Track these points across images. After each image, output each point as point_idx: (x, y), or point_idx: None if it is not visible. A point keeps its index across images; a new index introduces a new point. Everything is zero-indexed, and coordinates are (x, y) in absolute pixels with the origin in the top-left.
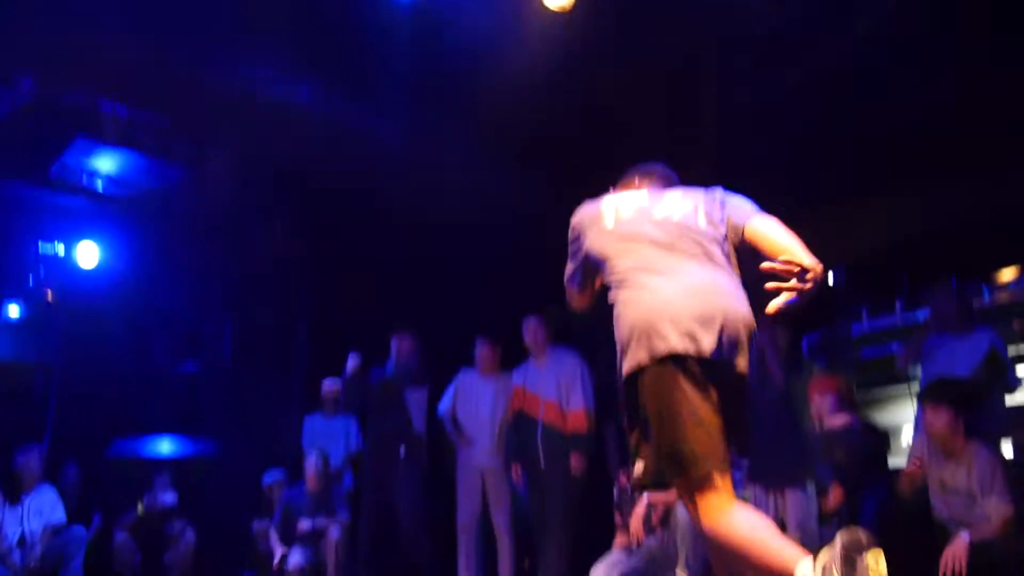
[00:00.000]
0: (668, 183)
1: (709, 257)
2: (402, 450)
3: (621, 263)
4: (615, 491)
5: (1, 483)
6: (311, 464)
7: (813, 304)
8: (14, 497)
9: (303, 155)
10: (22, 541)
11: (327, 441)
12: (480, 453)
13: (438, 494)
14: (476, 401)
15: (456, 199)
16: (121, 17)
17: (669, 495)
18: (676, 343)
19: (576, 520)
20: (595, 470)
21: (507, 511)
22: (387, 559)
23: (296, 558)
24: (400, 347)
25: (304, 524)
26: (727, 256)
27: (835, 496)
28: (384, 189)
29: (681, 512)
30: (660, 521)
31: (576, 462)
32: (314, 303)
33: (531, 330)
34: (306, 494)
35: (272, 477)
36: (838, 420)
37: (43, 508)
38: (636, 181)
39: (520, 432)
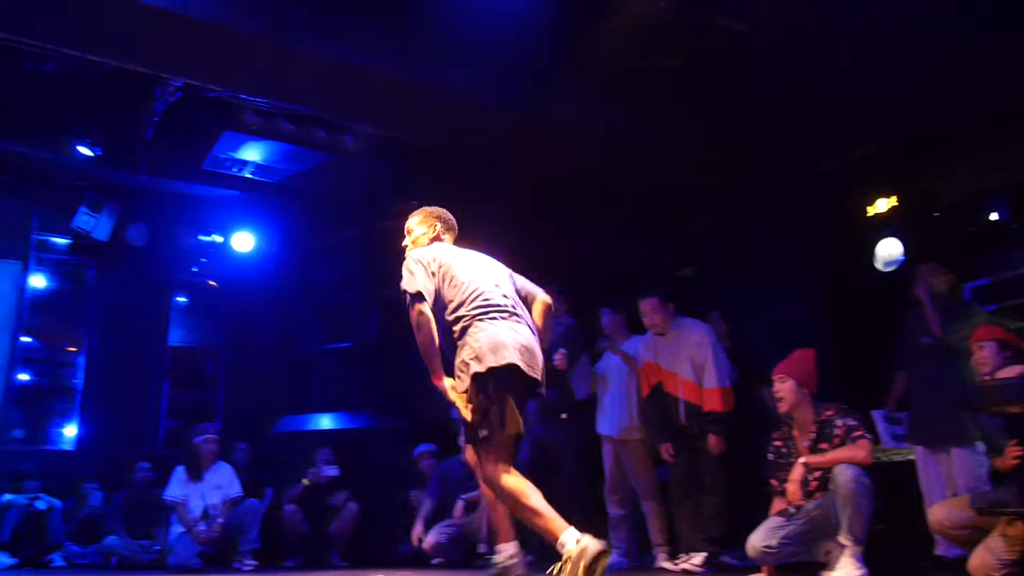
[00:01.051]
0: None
1: (519, 310)
2: (564, 416)
3: (470, 305)
4: (769, 456)
5: (185, 462)
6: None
7: (975, 246)
8: (196, 474)
9: (435, 130)
10: (205, 514)
11: None
12: (610, 423)
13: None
14: (605, 372)
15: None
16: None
17: (827, 458)
18: (513, 357)
19: (729, 487)
20: (744, 437)
21: (648, 478)
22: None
23: (432, 538)
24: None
25: (461, 496)
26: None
27: (1012, 454)
28: (509, 157)
29: (842, 477)
30: (819, 486)
31: (713, 442)
32: None
33: (650, 311)
34: (461, 464)
35: (423, 449)
36: (1009, 371)
37: (222, 483)
38: (439, 228)
39: (661, 408)
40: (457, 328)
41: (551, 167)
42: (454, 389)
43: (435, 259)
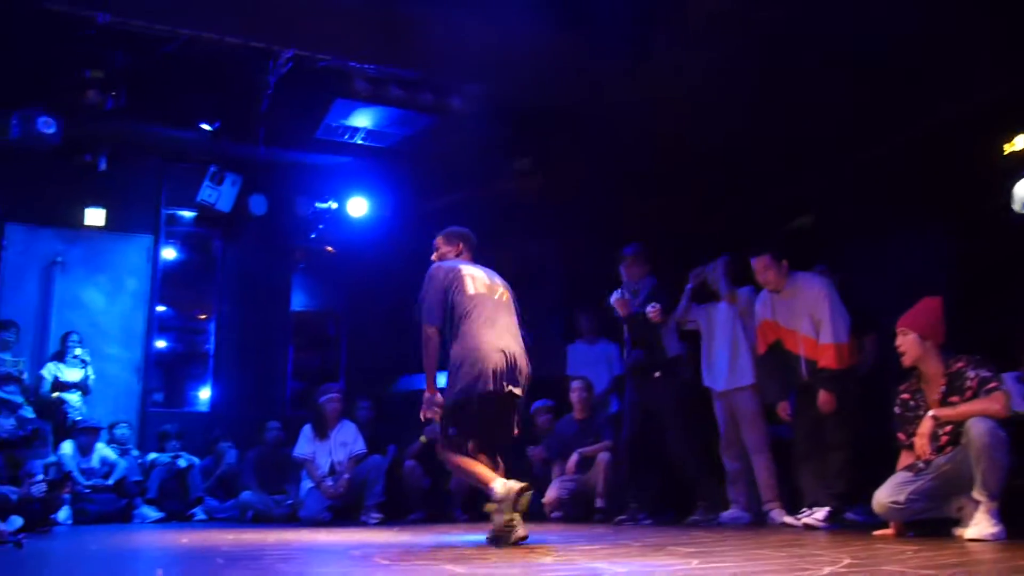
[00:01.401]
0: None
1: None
2: (657, 374)
3: (473, 317)
4: (896, 410)
5: (311, 421)
6: (576, 393)
7: None
8: (322, 433)
9: (540, 91)
10: (332, 470)
11: (590, 368)
12: (720, 377)
13: (704, 416)
14: (711, 325)
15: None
16: None
17: (958, 411)
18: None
19: (853, 442)
20: (867, 391)
21: (760, 432)
22: (651, 479)
23: (551, 493)
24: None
25: (575, 452)
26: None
27: None
28: (616, 119)
29: (976, 430)
30: (950, 440)
31: (824, 399)
32: (562, 235)
33: (763, 269)
34: (574, 422)
35: (539, 405)
36: None
37: (347, 441)
38: (461, 246)
39: (780, 365)
40: (456, 331)
41: (657, 122)
42: (433, 404)
43: (449, 271)
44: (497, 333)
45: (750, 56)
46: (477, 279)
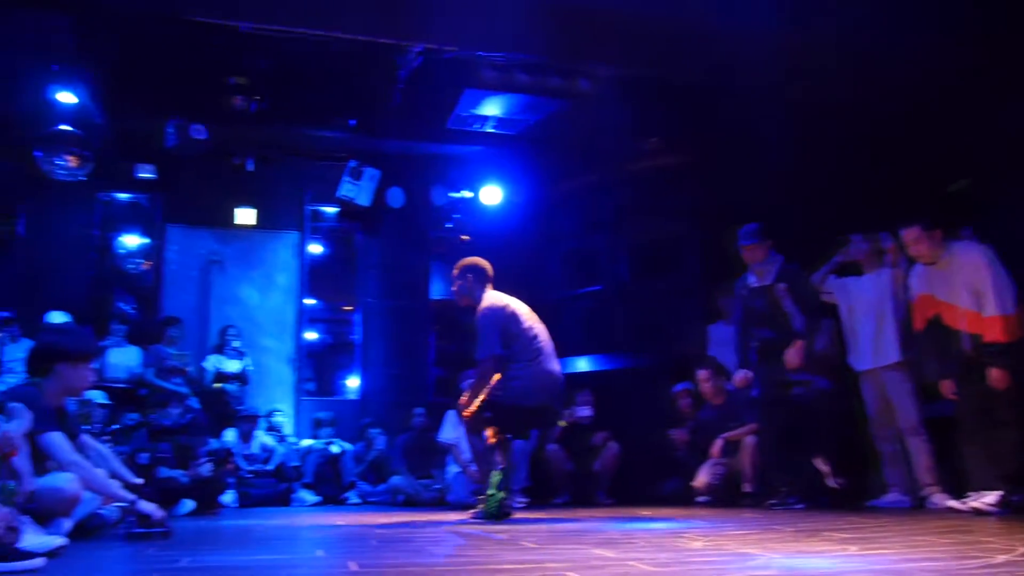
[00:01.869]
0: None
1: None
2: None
3: (527, 347)
4: None
5: (456, 407)
6: (703, 384)
7: None
8: None
9: (671, 65)
10: None
11: (731, 349)
12: (866, 356)
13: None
14: (852, 303)
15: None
16: None
17: None
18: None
19: None
20: None
21: (914, 411)
22: (796, 459)
23: (703, 477)
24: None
25: (718, 437)
26: None
27: None
28: (751, 86)
29: None
30: None
31: (996, 376)
32: (698, 214)
33: (913, 241)
34: (712, 407)
35: (681, 388)
36: None
37: None
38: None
39: (939, 341)
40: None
41: (791, 90)
42: (468, 408)
43: (505, 309)
44: (552, 359)
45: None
46: (523, 311)
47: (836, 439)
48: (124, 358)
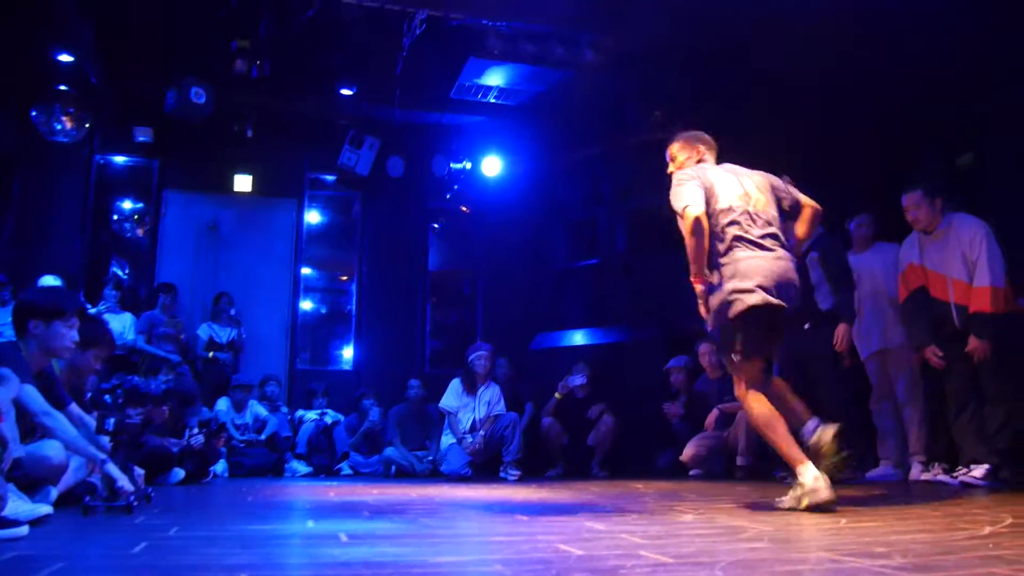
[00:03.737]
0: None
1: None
2: (808, 326)
3: (730, 231)
4: None
5: (461, 376)
6: (704, 357)
7: None
8: (471, 388)
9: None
10: (473, 427)
11: None
12: (870, 337)
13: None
14: (858, 276)
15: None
16: None
17: None
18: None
19: (1015, 394)
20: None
21: (914, 384)
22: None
23: (690, 450)
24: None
25: (717, 407)
26: None
27: None
28: (767, 55)
29: None
30: None
31: (974, 346)
32: None
33: (912, 206)
34: (709, 380)
35: (675, 363)
36: None
37: (491, 400)
38: (702, 149)
39: (922, 313)
40: (720, 247)
41: (790, 61)
42: (704, 299)
43: (700, 177)
44: (763, 256)
45: None
46: (733, 190)
47: (844, 417)
48: (117, 324)
